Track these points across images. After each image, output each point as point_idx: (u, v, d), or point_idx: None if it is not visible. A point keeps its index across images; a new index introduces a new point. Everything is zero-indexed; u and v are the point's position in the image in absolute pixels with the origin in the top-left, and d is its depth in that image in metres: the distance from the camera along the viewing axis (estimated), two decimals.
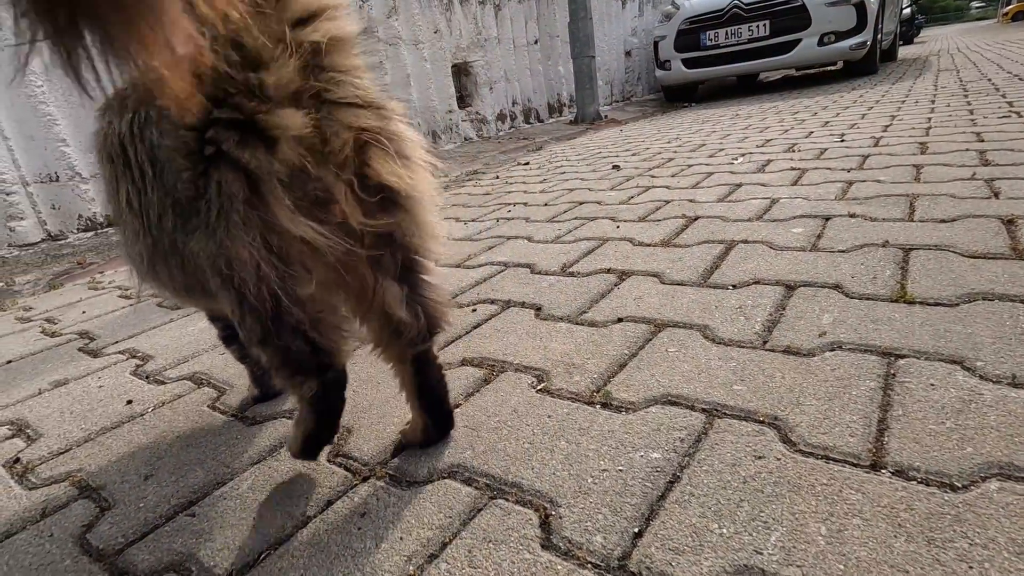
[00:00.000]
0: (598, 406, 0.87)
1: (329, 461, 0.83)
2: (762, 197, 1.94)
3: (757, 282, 1.24)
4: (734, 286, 1.24)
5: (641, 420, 0.81)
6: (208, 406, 1.06)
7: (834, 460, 0.68)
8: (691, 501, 0.65)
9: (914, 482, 0.63)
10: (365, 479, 0.78)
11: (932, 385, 0.79)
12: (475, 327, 1.24)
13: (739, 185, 2.17)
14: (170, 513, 0.77)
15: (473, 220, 2.32)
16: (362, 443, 0.86)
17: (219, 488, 0.81)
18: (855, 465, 0.67)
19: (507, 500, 0.70)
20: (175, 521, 0.76)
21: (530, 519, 0.66)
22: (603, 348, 1.05)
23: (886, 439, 0.70)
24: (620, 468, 0.72)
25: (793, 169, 2.31)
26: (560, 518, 0.65)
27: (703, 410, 0.82)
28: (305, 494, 0.77)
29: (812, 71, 8.16)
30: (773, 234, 1.53)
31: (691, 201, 2.04)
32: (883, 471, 0.65)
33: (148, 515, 0.78)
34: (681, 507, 0.64)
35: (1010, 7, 25.51)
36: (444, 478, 0.76)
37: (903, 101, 3.92)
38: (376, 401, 0.98)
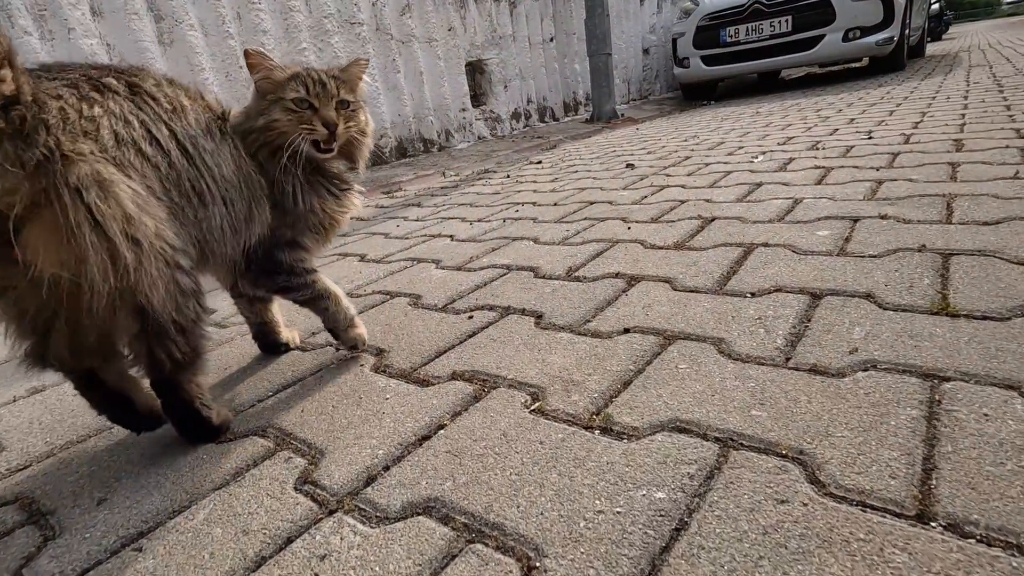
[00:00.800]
0: (597, 431, 0.77)
1: (296, 489, 0.75)
2: (784, 197, 1.82)
3: (779, 290, 1.13)
4: (753, 294, 1.13)
5: (645, 450, 0.71)
6: None
7: (872, 508, 0.57)
8: (700, 556, 0.55)
9: (972, 540, 0.52)
10: (331, 512, 0.69)
11: (986, 416, 0.68)
12: (470, 336, 1.15)
13: (759, 184, 2.05)
14: (115, 546, 0.70)
15: (479, 220, 2.23)
16: (334, 469, 0.78)
17: (173, 518, 0.73)
18: (898, 515, 0.56)
19: (486, 545, 0.60)
20: (120, 556, 0.68)
21: (510, 571, 0.57)
22: (606, 363, 0.95)
23: (934, 482, 0.59)
24: (618, 510, 0.62)
25: (817, 167, 2.18)
26: (545, 571, 0.56)
27: (716, 439, 0.72)
28: (264, 528, 0.68)
29: (836, 68, 7.93)
30: (796, 237, 1.41)
31: (708, 201, 1.93)
32: (933, 524, 0.54)
33: (92, 547, 0.70)
34: (688, 564, 0.54)
35: None
36: (418, 514, 0.67)
37: (933, 97, 3.74)
38: (355, 419, 0.90)
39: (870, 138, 2.63)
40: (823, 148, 2.56)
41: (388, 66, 4.55)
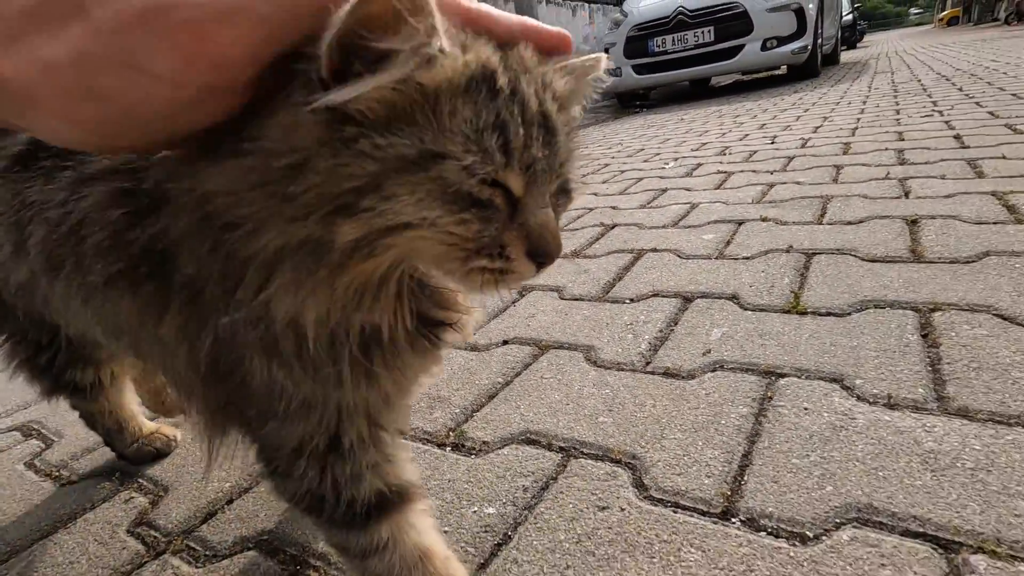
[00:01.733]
0: (448, 448, 0.77)
1: (128, 532, 0.71)
2: (683, 202, 1.88)
3: (656, 294, 1.16)
4: (631, 299, 1.16)
5: (489, 465, 0.72)
6: (25, 463, 0.92)
7: (683, 508, 0.59)
8: (512, 570, 0.55)
9: (763, 533, 0.55)
10: (159, 554, 0.66)
11: (806, 409, 0.72)
12: None
13: (664, 190, 2.12)
14: None
15: None
16: (174, 506, 0.74)
17: None
18: (704, 513, 0.58)
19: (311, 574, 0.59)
20: None
21: None
22: (477, 376, 0.95)
23: (745, 478, 0.62)
24: (447, 528, 0.62)
25: (720, 172, 2.27)
26: None
27: (560, 449, 0.73)
28: None
29: (760, 75, 8.33)
30: (684, 241, 1.46)
31: (613, 208, 1.97)
32: (733, 521, 0.57)
33: None
34: None
35: (945, 12, 26.83)
36: (249, 549, 0.64)
37: (837, 103, 3.98)
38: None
39: (773, 143, 2.77)
40: (730, 153, 2.68)
41: None
